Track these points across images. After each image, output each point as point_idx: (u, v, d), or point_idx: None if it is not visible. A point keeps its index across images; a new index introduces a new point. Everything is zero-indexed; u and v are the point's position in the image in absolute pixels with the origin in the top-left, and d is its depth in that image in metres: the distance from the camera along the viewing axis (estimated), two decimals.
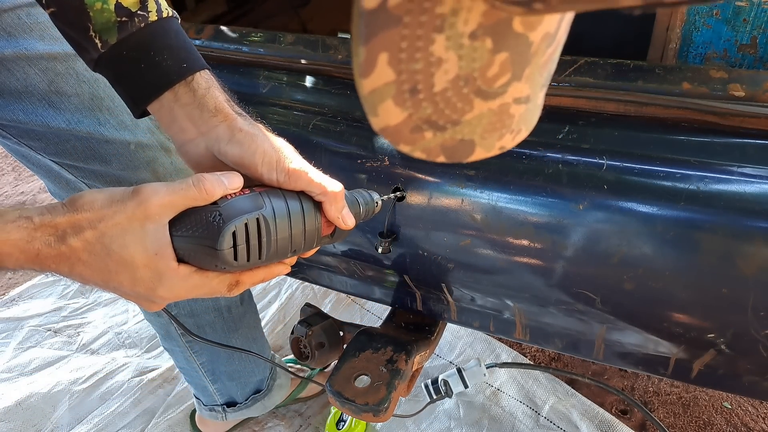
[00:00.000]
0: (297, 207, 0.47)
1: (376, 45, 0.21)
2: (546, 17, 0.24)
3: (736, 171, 0.51)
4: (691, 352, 0.57)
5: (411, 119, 0.25)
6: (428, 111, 0.25)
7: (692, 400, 1.18)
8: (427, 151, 0.27)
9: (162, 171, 0.73)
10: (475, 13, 0.22)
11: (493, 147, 0.30)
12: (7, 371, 1.35)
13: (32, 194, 2.21)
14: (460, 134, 0.27)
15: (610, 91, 0.58)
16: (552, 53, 0.27)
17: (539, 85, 0.29)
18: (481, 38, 0.23)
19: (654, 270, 0.53)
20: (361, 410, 0.67)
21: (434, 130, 0.26)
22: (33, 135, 0.68)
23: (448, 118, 0.26)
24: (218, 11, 1.23)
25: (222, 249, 0.42)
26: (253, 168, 0.47)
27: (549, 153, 0.58)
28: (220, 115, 0.48)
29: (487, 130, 0.28)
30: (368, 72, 0.22)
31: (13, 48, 0.61)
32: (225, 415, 1.08)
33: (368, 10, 0.20)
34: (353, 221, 0.51)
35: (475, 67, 0.24)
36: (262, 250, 0.45)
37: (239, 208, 0.44)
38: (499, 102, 0.27)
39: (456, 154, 0.28)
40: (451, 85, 0.25)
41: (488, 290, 0.67)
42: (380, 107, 0.24)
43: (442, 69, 0.24)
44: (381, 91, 0.23)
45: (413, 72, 0.23)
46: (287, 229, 0.46)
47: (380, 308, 1.46)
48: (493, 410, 1.16)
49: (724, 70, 0.55)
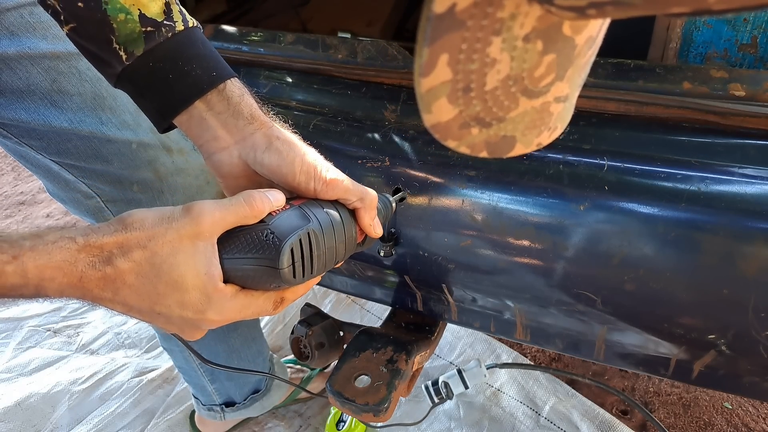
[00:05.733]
0: (338, 218, 0.47)
1: (438, 47, 0.23)
2: (591, 21, 0.26)
3: (737, 172, 0.51)
4: (692, 352, 0.57)
5: (461, 116, 0.27)
6: (477, 108, 0.27)
7: (693, 400, 1.18)
8: (471, 146, 0.29)
9: (163, 170, 0.73)
10: (531, 17, 0.24)
11: (532, 143, 0.31)
12: (7, 371, 1.35)
13: (32, 194, 2.21)
14: (503, 131, 0.29)
15: (610, 90, 0.58)
16: (592, 55, 0.29)
17: (577, 85, 0.31)
18: (534, 41, 0.25)
19: (655, 271, 0.53)
20: (362, 410, 0.67)
21: (480, 126, 0.28)
22: (34, 134, 0.67)
23: (495, 115, 0.28)
24: (218, 10, 1.23)
25: (283, 268, 0.42)
26: (290, 177, 0.46)
27: (550, 153, 0.58)
28: (257, 122, 0.47)
29: (528, 127, 0.30)
30: (428, 72, 0.24)
31: (16, 47, 0.61)
32: (224, 415, 1.08)
33: (437, 15, 0.22)
34: (381, 230, 0.51)
35: (524, 68, 0.26)
36: (314, 264, 0.45)
37: (291, 225, 0.43)
38: (542, 101, 0.29)
39: (498, 149, 0.30)
40: (501, 84, 0.26)
41: (489, 291, 0.66)
42: (434, 105, 0.25)
43: (495, 69, 0.25)
44: (437, 90, 0.25)
45: (469, 72, 0.25)
46: (333, 240, 0.46)
47: (380, 308, 1.46)
48: (493, 411, 1.16)
49: (725, 69, 0.55)
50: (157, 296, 0.39)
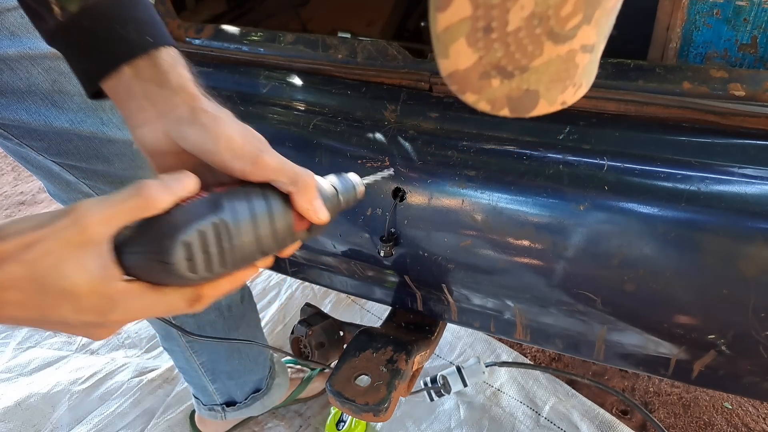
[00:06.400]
0: (262, 205, 0.42)
1: None
2: None
3: (737, 172, 0.51)
4: (692, 352, 0.57)
5: (481, 63, 0.25)
6: (499, 54, 0.25)
7: (693, 400, 1.18)
8: (492, 101, 0.27)
9: None
10: None
11: (556, 100, 0.29)
12: (7, 371, 1.35)
13: (32, 194, 2.21)
14: (526, 83, 0.27)
15: (610, 90, 0.58)
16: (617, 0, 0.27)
17: (604, 34, 0.29)
18: None
19: (655, 271, 0.53)
20: (362, 410, 0.67)
21: (502, 77, 0.26)
22: (35, 135, 0.67)
23: (518, 63, 0.26)
24: (218, 10, 1.23)
25: (172, 263, 0.37)
26: (215, 154, 0.42)
27: (550, 153, 0.58)
28: (183, 93, 0.43)
29: (553, 79, 0.28)
30: (446, 5, 0.22)
31: (17, 47, 0.61)
32: (224, 415, 1.08)
33: None
34: (326, 214, 0.45)
35: (550, 4, 0.24)
36: (226, 258, 0.40)
37: (193, 215, 0.39)
38: (568, 47, 0.27)
39: (520, 106, 0.28)
40: (525, 24, 0.24)
41: (489, 291, 0.66)
42: (452, 47, 0.23)
43: (519, 4, 0.23)
44: (455, 29, 0.23)
45: (490, 6, 0.23)
46: (251, 231, 0.41)
47: (380, 308, 1.46)
48: (493, 410, 1.16)
49: (725, 69, 0.55)
50: (47, 307, 0.35)
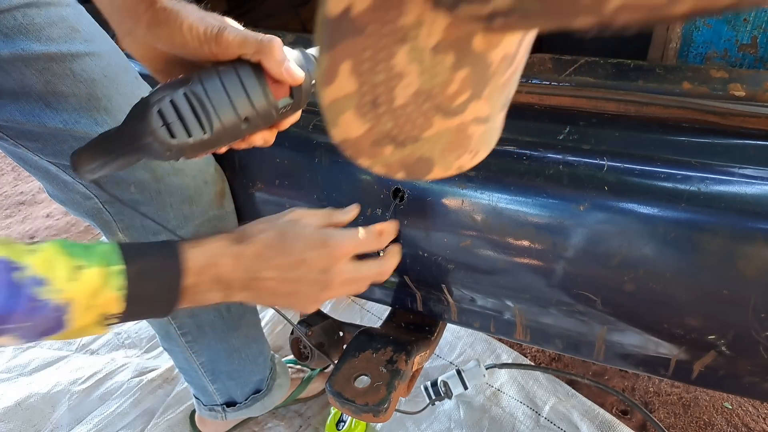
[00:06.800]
0: (232, 75, 0.46)
1: (339, 53, 0.21)
2: (506, 38, 0.24)
3: (737, 172, 0.51)
4: (692, 353, 0.57)
5: (371, 133, 0.25)
6: (389, 125, 0.25)
7: (693, 400, 1.18)
8: (387, 166, 0.27)
9: (160, 171, 0.73)
10: (437, 26, 0.22)
11: (452, 166, 0.30)
12: (7, 371, 1.35)
13: (31, 194, 2.21)
14: (419, 151, 0.27)
15: (610, 90, 0.58)
16: (512, 74, 0.27)
17: (499, 106, 0.29)
18: (443, 52, 0.23)
19: (655, 271, 0.53)
20: (361, 410, 0.67)
21: (394, 145, 0.26)
22: (30, 136, 0.67)
23: (408, 134, 0.26)
24: (218, 10, 1.23)
25: (152, 129, 0.44)
26: (184, 45, 0.46)
27: (550, 154, 0.58)
28: (147, 1, 0.45)
29: (446, 148, 0.28)
30: (330, 80, 0.22)
31: (10, 49, 0.61)
32: (225, 415, 1.07)
33: (332, 18, 0.20)
34: (300, 73, 0.48)
35: (436, 83, 0.24)
36: (203, 123, 0.46)
37: (166, 89, 0.45)
38: (459, 120, 0.27)
39: (415, 171, 0.28)
40: (411, 100, 0.24)
41: (489, 291, 0.66)
42: (341, 118, 0.24)
43: (404, 82, 0.23)
44: (342, 102, 0.23)
45: (375, 84, 0.23)
46: (225, 99, 0.46)
47: (380, 308, 1.46)
48: (493, 411, 1.16)
49: (725, 69, 0.54)
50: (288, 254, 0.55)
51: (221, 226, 0.82)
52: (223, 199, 0.81)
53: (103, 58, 0.67)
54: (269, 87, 0.48)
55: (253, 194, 0.80)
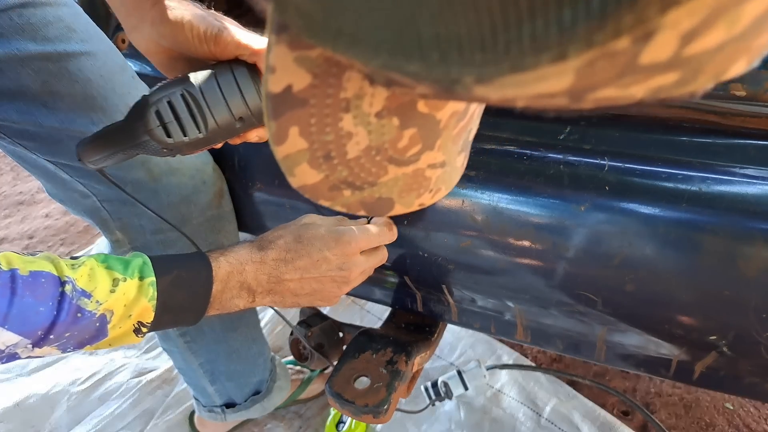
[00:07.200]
0: (228, 76, 0.48)
1: (285, 121, 0.22)
2: (450, 101, 0.25)
3: (738, 172, 0.51)
4: (693, 353, 0.57)
5: (328, 180, 0.25)
6: (344, 174, 0.25)
7: (694, 401, 1.18)
8: (347, 206, 0.28)
9: (157, 170, 0.72)
10: (378, 97, 0.23)
11: (413, 204, 0.30)
12: (6, 372, 1.35)
13: (30, 194, 2.21)
14: (377, 193, 0.28)
15: None
16: (466, 125, 0.28)
17: (455, 152, 0.29)
18: (388, 117, 0.24)
19: (656, 272, 0.53)
20: (361, 411, 0.67)
21: (352, 189, 0.27)
22: (27, 135, 0.67)
23: (364, 180, 0.26)
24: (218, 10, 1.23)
25: (149, 129, 0.46)
26: (185, 43, 0.47)
27: (550, 154, 0.58)
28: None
29: (404, 190, 0.29)
30: (281, 141, 0.23)
31: (5, 49, 0.61)
32: (224, 416, 1.07)
33: (274, 95, 0.21)
34: None
35: (385, 140, 0.25)
36: (198, 123, 0.47)
37: (163, 90, 0.46)
38: (414, 168, 0.27)
39: (375, 209, 0.29)
40: (363, 154, 0.25)
41: (489, 291, 0.66)
42: (297, 169, 0.25)
43: (353, 141, 0.24)
44: (295, 157, 0.24)
45: (325, 142, 0.24)
46: (220, 98, 0.47)
47: (380, 309, 1.45)
48: (494, 412, 1.16)
49: None
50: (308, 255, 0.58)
51: (219, 227, 0.81)
52: (221, 199, 0.81)
53: (99, 58, 0.67)
54: None
55: (251, 194, 0.80)
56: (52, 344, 0.45)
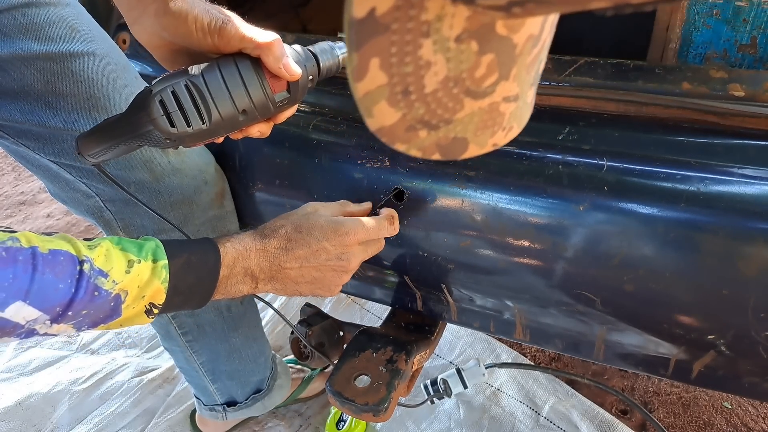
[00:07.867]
0: (232, 68, 0.48)
1: (367, 51, 0.22)
2: (528, 21, 0.25)
3: (737, 172, 0.51)
4: (692, 353, 0.57)
5: (405, 119, 0.26)
6: (421, 111, 0.26)
7: (692, 400, 1.18)
8: (422, 149, 0.28)
9: (159, 170, 0.73)
10: (458, 18, 0.23)
11: (486, 144, 0.30)
12: (7, 371, 1.35)
13: (32, 194, 2.21)
14: (453, 132, 0.28)
15: (610, 91, 0.58)
16: (538, 53, 0.28)
17: (528, 84, 0.30)
18: (467, 41, 0.24)
19: (654, 271, 0.53)
20: (361, 410, 0.67)
21: (428, 129, 0.27)
22: (30, 135, 0.67)
23: (441, 117, 0.27)
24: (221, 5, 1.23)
25: (153, 118, 0.46)
26: (188, 36, 0.47)
27: (549, 154, 0.58)
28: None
29: (479, 127, 0.29)
30: (361, 76, 0.23)
31: (9, 48, 0.61)
32: (225, 415, 1.08)
33: (358, 20, 0.21)
34: (297, 69, 0.50)
35: (463, 69, 0.25)
36: (202, 114, 0.47)
37: (168, 79, 0.47)
38: (489, 101, 0.28)
39: (450, 151, 0.29)
40: (441, 86, 0.25)
41: (488, 291, 0.67)
42: (375, 108, 0.25)
43: (432, 71, 0.24)
44: (374, 94, 0.24)
45: (404, 75, 0.24)
46: (224, 91, 0.48)
47: (380, 308, 1.46)
48: (493, 410, 1.16)
49: (724, 70, 0.55)
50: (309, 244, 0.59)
51: (221, 226, 0.82)
52: (223, 199, 0.81)
53: (102, 58, 0.67)
54: (267, 81, 0.50)
55: (253, 194, 0.80)
56: (69, 321, 0.46)
